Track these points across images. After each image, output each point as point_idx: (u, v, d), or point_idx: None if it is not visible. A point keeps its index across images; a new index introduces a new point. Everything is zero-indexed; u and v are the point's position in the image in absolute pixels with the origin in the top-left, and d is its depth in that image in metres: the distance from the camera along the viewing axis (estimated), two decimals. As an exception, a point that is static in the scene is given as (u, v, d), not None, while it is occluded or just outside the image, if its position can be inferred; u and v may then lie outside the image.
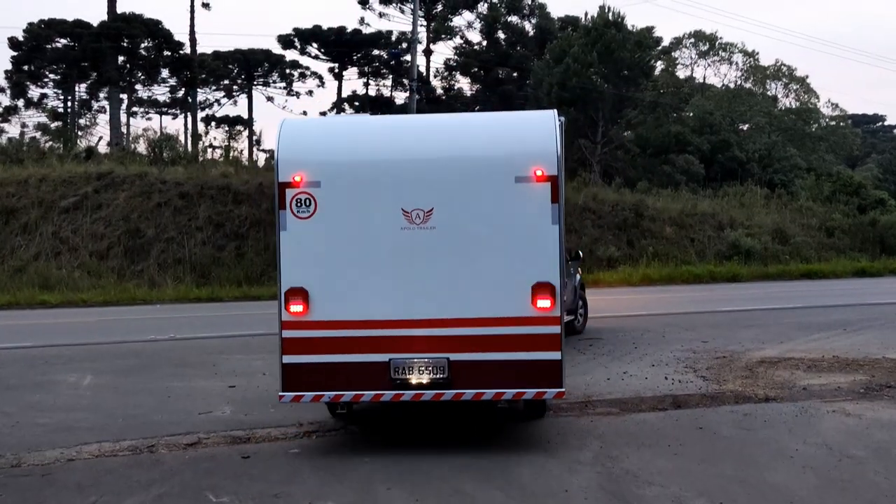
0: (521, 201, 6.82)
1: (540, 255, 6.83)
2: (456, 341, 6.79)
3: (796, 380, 9.95)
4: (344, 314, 6.86)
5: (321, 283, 6.85)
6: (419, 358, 6.78)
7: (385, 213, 6.84)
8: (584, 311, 15.23)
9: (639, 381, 9.87)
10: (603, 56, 41.47)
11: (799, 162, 47.87)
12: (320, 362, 6.84)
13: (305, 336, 6.84)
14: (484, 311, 6.83)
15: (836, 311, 17.80)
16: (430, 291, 6.85)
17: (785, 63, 52.90)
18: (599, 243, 29.24)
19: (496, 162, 6.90)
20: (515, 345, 6.80)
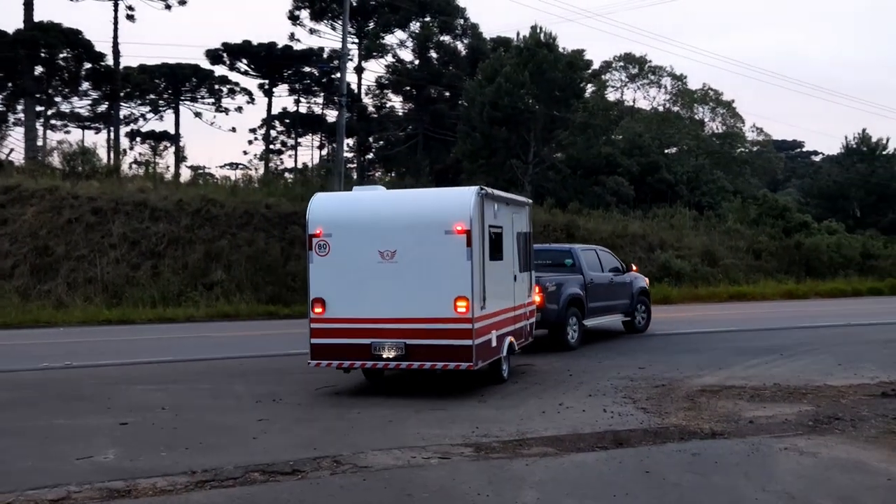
0: (449, 246, 10.26)
1: (459, 278, 10.18)
2: (409, 332, 10.30)
3: (741, 411, 9.34)
4: (345, 314, 10.61)
5: (332, 295, 10.68)
6: (388, 342, 10.35)
7: (368, 253, 10.52)
8: (647, 314, 18.50)
9: (576, 413, 9.11)
10: (535, 76, 41.26)
11: (725, 185, 48.52)
12: (332, 343, 10.63)
13: (323, 327, 10.67)
14: (426, 313, 10.29)
15: (771, 336, 17.49)
16: (394, 300, 10.41)
17: (712, 87, 53.77)
18: (531, 264, 28.68)
19: (433, 221, 10.38)
20: (443, 335, 10.18)
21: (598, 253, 17.83)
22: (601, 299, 16.68)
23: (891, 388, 10.92)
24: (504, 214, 11.85)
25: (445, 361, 10.12)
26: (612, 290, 17.28)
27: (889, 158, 58.05)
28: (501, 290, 11.45)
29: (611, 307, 17.24)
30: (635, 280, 18.29)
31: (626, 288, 17.84)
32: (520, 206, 13.13)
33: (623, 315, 17.78)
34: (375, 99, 63.47)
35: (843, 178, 57.12)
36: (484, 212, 10.69)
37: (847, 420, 8.87)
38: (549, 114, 42.36)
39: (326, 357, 10.68)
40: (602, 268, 17.24)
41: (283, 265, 25.81)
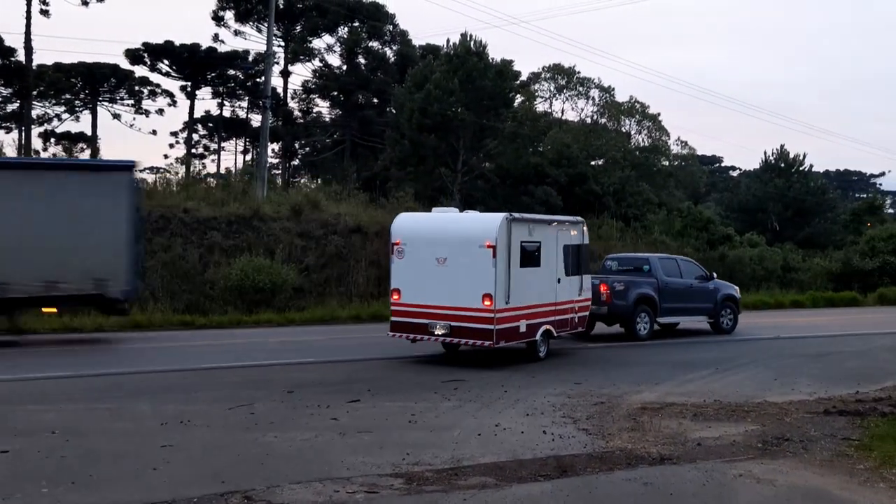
0: (481, 256, 13.45)
1: (486, 281, 13.40)
2: (453, 317, 13.68)
3: (686, 431, 8.83)
4: (412, 301, 14.13)
5: (405, 287, 14.28)
6: (439, 323, 13.81)
7: (429, 258, 13.97)
8: (734, 318, 20.60)
9: (514, 436, 8.45)
10: (465, 84, 40.77)
11: (651, 197, 48.84)
12: (403, 321, 14.25)
13: (398, 309, 14.33)
14: (464, 304, 13.55)
15: (704, 348, 17.27)
16: (445, 294, 13.77)
17: (639, 100, 54.18)
18: (460, 274, 28.08)
19: (472, 238, 13.65)
20: (475, 321, 13.47)
21: (679, 262, 20.76)
22: (677, 301, 19.36)
23: (832, 406, 10.65)
24: (543, 232, 15.02)
25: (475, 339, 13.66)
26: (691, 294, 19.85)
27: (805, 174, 59.54)
28: (535, 289, 14.54)
29: (689, 309, 19.88)
30: (722, 287, 20.76)
31: (710, 294, 20.23)
32: (570, 224, 16.26)
33: (707, 317, 20.26)
34: (302, 103, 62.16)
35: (761, 193, 58.27)
36: (511, 232, 13.86)
37: (796, 441, 8.45)
38: (478, 122, 41.91)
39: (399, 331, 14.52)
40: (681, 274, 19.91)
41: (201, 272, 24.53)
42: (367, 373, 12.97)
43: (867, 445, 8.17)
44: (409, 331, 14.33)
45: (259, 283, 22.36)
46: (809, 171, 59.96)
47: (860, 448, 8.09)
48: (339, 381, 12.11)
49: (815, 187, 58.96)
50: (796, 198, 56.43)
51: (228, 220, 26.13)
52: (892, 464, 7.37)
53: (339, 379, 12.28)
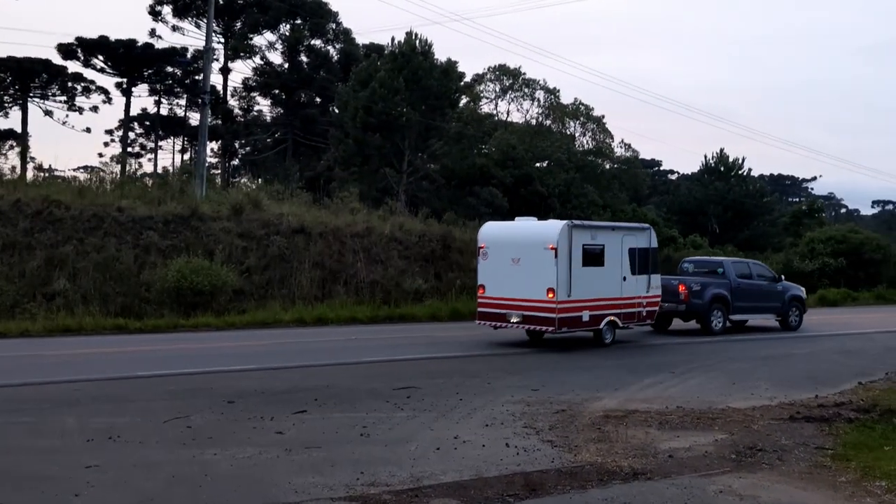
0: (546, 257, 16.14)
1: (550, 277, 16.10)
2: (525, 307, 16.44)
3: (655, 442, 8.38)
4: (494, 294, 17.03)
5: (488, 283, 17.24)
6: (514, 312, 16.64)
7: (507, 259, 16.86)
8: (800, 316, 22.59)
9: (476, 450, 7.87)
10: (410, 83, 40.15)
11: (595, 199, 48.92)
12: (487, 311, 17.16)
13: (484, 301, 17.27)
14: (533, 297, 16.29)
15: (658, 351, 17.03)
16: (518, 288, 16.57)
17: (583, 102, 54.27)
18: (406, 275, 27.41)
19: (540, 241, 16.43)
20: (541, 310, 16.21)
21: (751, 265, 23.17)
22: (748, 300, 21.51)
23: (796, 412, 10.36)
24: (607, 237, 17.66)
25: (542, 326, 16.52)
26: (761, 294, 21.93)
27: (744, 178, 60.46)
28: (599, 285, 17.10)
29: (759, 308, 22.04)
30: (790, 289, 22.78)
31: (779, 294, 22.27)
32: (637, 230, 18.95)
33: (776, 315, 22.36)
34: (242, 101, 60.80)
35: (702, 196, 58.99)
36: (573, 236, 16.54)
37: (770, 451, 8.07)
38: (423, 122, 41.35)
39: (484, 319, 17.54)
40: (752, 276, 22.09)
41: (136, 274, 23.41)
42: (313, 380, 12.26)
43: (843, 455, 7.83)
44: (492, 319, 17.41)
45: (197, 284, 21.41)
46: (748, 175, 60.98)
47: (836, 458, 7.74)
48: (283, 389, 11.40)
49: (754, 190, 59.98)
50: (736, 200, 57.26)
51: (165, 219, 25.04)
52: (874, 475, 7.02)
53: (284, 387, 11.56)
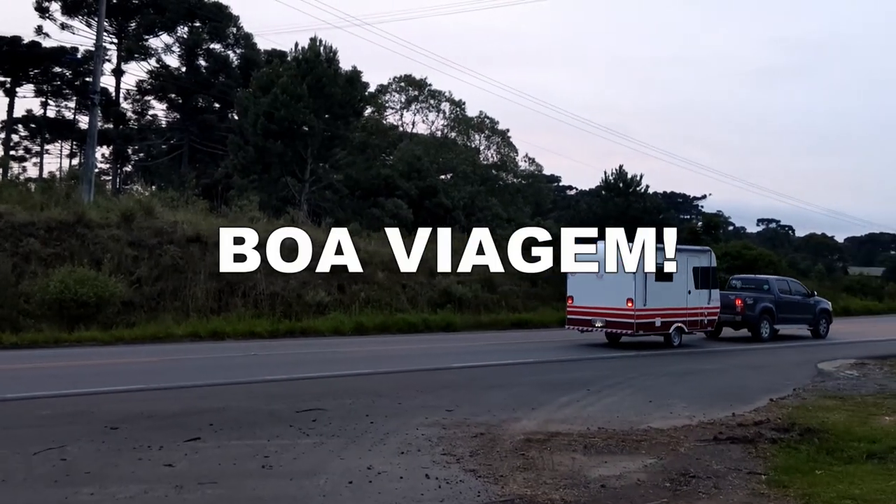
0: (626, 272, 18.95)
1: (629, 289, 19.65)
2: (608, 314, 20.19)
3: (583, 469, 7.82)
4: (581, 304, 20.89)
5: (576, 294, 21.17)
6: (598, 318, 20.43)
7: (591, 274, 19.92)
8: (827, 326, 26.75)
9: (393, 482, 7.12)
10: (313, 90, 39.14)
11: (500, 212, 48.93)
12: (574, 318, 21.24)
13: (573, 310, 21.27)
14: (615, 305, 19.99)
15: (570, 367, 16.64)
16: (602, 299, 20.27)
17: (488, 116, 54.32)
18: (308, 287, 26.37)
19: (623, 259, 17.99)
20: (621, 316, 19.91)
21: (790, 282, 27.43)
22: (788, 312, 25.48)
23: (719, 432, 10.03)
24: (677, 256, 20.17)
25: (622, 329, 20.24)
26: (797, 307, 26.02)
27: (642, 195, 61.73)
28: (668, 297, 20.71)
29: (796, 318, 25.98)
30: (819, 302, 26.96)
31: (812, 307, 26.43)
32: (698, 252, 22.67)
33: (808, 325, 26.34)
34: (136, 105, 58.27)
35: (602, 211, 59.83)
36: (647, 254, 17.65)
37: (703, 478, 7.61)
38: (327, 130, 40.37)
39: (573, 325, 21.31)
40: (791, 292, 26.29)
41: (14, 284, 21.60)
42: (208, 401, 11.23)
43: (778, 482, 7.45)
44: (580, 324, 21.17)
45: (82, 296, 19.88)
46: (646, 192, 62.38)
47: (772, 485, 7.35)
48: (174, 412, 10.34)
49: (652, 206, 61.31)
50: (635, 216, 58.34)
51: (48, 225, 23.31)
52: (816, 503, 6.63)
53: (175, 410, 10.50)
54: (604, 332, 20.91)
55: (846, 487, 7.09)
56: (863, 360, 19.20)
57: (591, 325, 20.71)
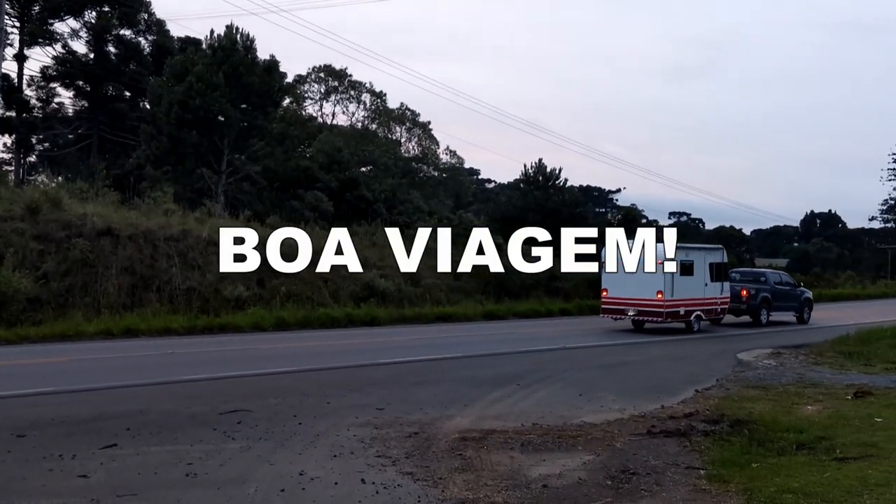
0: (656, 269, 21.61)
1: (658, 283, 22.75)
2: (639, 304, 23.34)
3: (523, 468, 7.64)
4: (615, 296, 23.89)
5: (610, 287, 24.11)
6: (631, 308, 23.56)
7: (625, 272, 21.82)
8: (809, 313, 30.32)
9: (327, 489, 6.77)
10: (230, 79, 38.03)
11: (421, 205, 48.67)
12: (609, 307, 24.24)
13: (607, 300, 24.31)
14: (646, 297, 23.08)
15: (497, 362, 16.51)
16: (634, 290, 23.20)
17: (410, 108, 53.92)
18: (226, 282, 25.57)
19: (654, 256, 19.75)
20: (652, 307, 23.13)
21: (781, 275, 31.64)
22: (780, 301, 29.11)
23: (651, 426, 10.02)
24: (695, 254, 24.66)
25: (653, 317, 23.29)
26: (787, 296, 29.73)
27: (560, 188, 62.41)
28: (689, 289, 23.84)
29: (786, 306, 29.56)
30: (804, 292, 31.00)
31: (798, 296, 30.23)
32: (713, 249, 26.21)
33: (794, 312, 29.95)
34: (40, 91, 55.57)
35: (521, 204, 60.28)
36: (674, 252, 21.93)
37: (643, 474, 7.53)
38: (244, 121, 39.31)
39: (607, 313, 24.22)
40: (782, 283, 30.13)
41: None
42: (124, 404, 10.62)
43: (717, 476, 7.42)
44: (614, 313, 24.09)
45: (-17, 293, 18.74)
46: (564, 185, 63.07)
47: (712, 480, 7.31)
48: (87, 417, 9.73)
49: (570, 200, 62.06)
50: (554, 209, 58.95)
51: (-56, 218, 21.94)
52: (758, 499, 6.60)
53: (88, 414, 9.88)
54: (635, 320, 23.95)
55: (784, 481, 7.09)
56: (778, 350, 19.69)
57: (625, 313, 23.78)
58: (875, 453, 8.12)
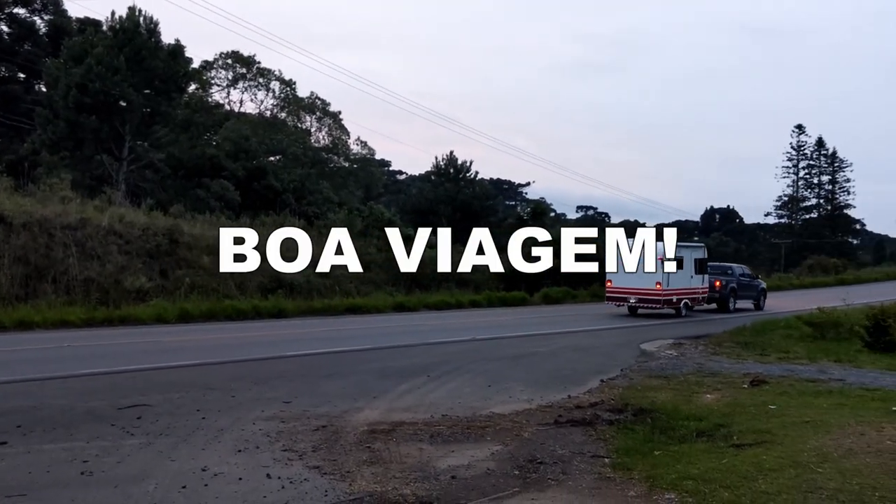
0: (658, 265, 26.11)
1: (658, 276, 26.55)
2: (640, 293, 27.29)
3: (432, 460, 7.62)
4: (618, 286, 27.85)
5: (614, 278, 27.89)
6: (632, 297, 27.57)
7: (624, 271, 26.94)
8: (764, 301, 34.18)
9: (231, 485, 6.59)
10: (132, 63, 36.78)
11: (331, 196, 48.16)
12: (612, 296, 28.28)
13: (612, 289, 28.23)
14: (646, 287, 27.00)
15: (407, 353, 16.45)
16: (636, 282, 27.06)
17: (320, 97, 53.14)
18: (127, 272, 24.73)
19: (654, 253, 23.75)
20: (651, 295, 27.18)
21: (743, 269, 35.28)
22: (744, 291, 32.98)
23: (558, 416, 10.16)
24: (684, 251, 28.20)
25: (650, 304, 26.97)
26: (748, 287, 33.65)
27: (472, 181, 62.78)
28: (680, 281, 27.57)
29: (748, 295, 33.30)
30: (760, 284, 35.21)
31: (756, 286, 34.34)
32: (697, 247, 30.56)
33: (753, 301, 33.56)
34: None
35: (433, 196, 60.41)
36: (674, 250, 25.83)
37: (550, 463, 7.61)
38: (147, 106, 38.06)
39: (611, 301, 27.89)
40: (745, 275, 33.99)
41: None
42: (15, 400, 10.11)
43: (621, 464, 7.57)
44: (617, 300, 27.88)
45: None
46: (475, 178, 63.48)
47: (617, 468, 7.45)
48: (-26, 414, 9.22)
49: (481, 192, 62.51)
50: (465, 202, 59.28)
51: None
52: (661, 486, 6.75)
53: (-25, 411, 9.37)
54: (632, 306, 27.65)
55: (685, 467, 7.29)
56: (679, 341, 20.29)
57: (626, 301, 27.60)
58: (769, 439, 8.43)
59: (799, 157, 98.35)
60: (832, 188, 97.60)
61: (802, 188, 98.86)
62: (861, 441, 8.11)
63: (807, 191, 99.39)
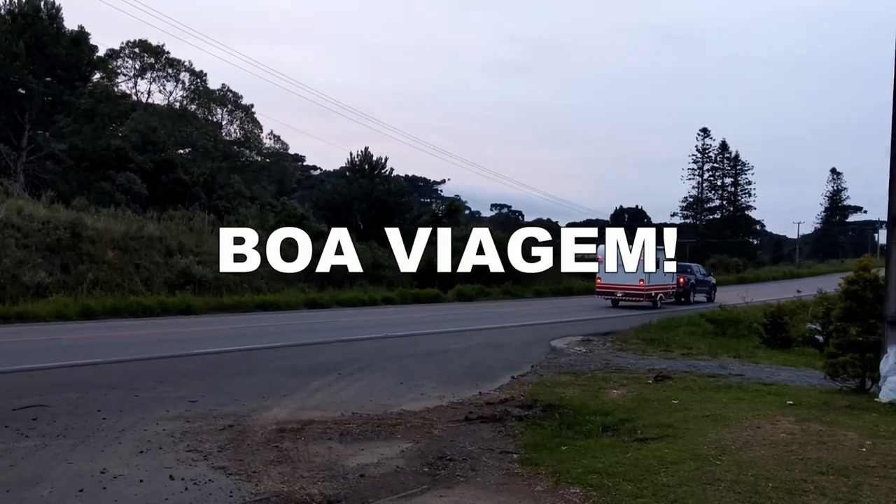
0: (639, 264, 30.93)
1: (642, 274, 31.60)
2: (625, 289, 32.66)
3: (341, 459, 7.55)
4: (606, 282, 33.34)
5: (602, 276, 33.47)
6: (619, 291, 32.99)
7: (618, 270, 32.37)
8: (714, 294, 39.92)
9: (132, 487, 6.37)
10: (32, 49, 35.28)
11: (242, 190, 47.26)
12: (601, 290, 33.77)
13: (600, 285, 33.79)
14: (631, 283, 32.26)
15: (318, 350, 16.30)
16: (622, 280, 32.32)
17: (231, 90, 52.05)
18: (25, 267, 23.74)
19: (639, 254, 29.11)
20: (635, 291, 32.50)
21: (701, 267, 42.00)
22: (700, 286, 39.01)
23: (469, 412, 10.23)
24: (661, 254, 31.05)
25: (634, 297, 32.22)
26: (704, 283, 39.73)
27: (386, 177, 62.65)
28: (658, 279, 32.89)
29: (703, 290, 39.20)
30: (711, 280, 41.42)
31: (709, 283, 40.58)
32: (663, 249, 30.93)
33: (706, 295, 39.09)
34: None
35: (347, 192, 60.04)
36: (654, 254, 29.03)
37: (459, 460, 7.65)
38: (48, 94, 36.58)
39: (601, 295, 33.29)
40: (701, 273, 40.43)
41: None
42: None
43: (529, 460, 7.66)
44: (605, 294, 32.83)
45: None
46: (390, 174, 63.35)
47: (524, 464, 7.53)
48: None
49: (395, 189, 62.43)
50: (379, 198, 59.12)
51: None
52: (567, 481, 6.86)
53: None
54: (615, 299, 32.66)
55: (590, 462, 7.43)
56: (588, 337, 20.69)
57: (613, 294, 32.67)
58: (671, 433, 8.68)
59: (704, 159, 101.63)
60: (734, 190, 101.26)
61: (707, 190, 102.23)
62: (757, 434, 8.42)
63: (711, 192, 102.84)
